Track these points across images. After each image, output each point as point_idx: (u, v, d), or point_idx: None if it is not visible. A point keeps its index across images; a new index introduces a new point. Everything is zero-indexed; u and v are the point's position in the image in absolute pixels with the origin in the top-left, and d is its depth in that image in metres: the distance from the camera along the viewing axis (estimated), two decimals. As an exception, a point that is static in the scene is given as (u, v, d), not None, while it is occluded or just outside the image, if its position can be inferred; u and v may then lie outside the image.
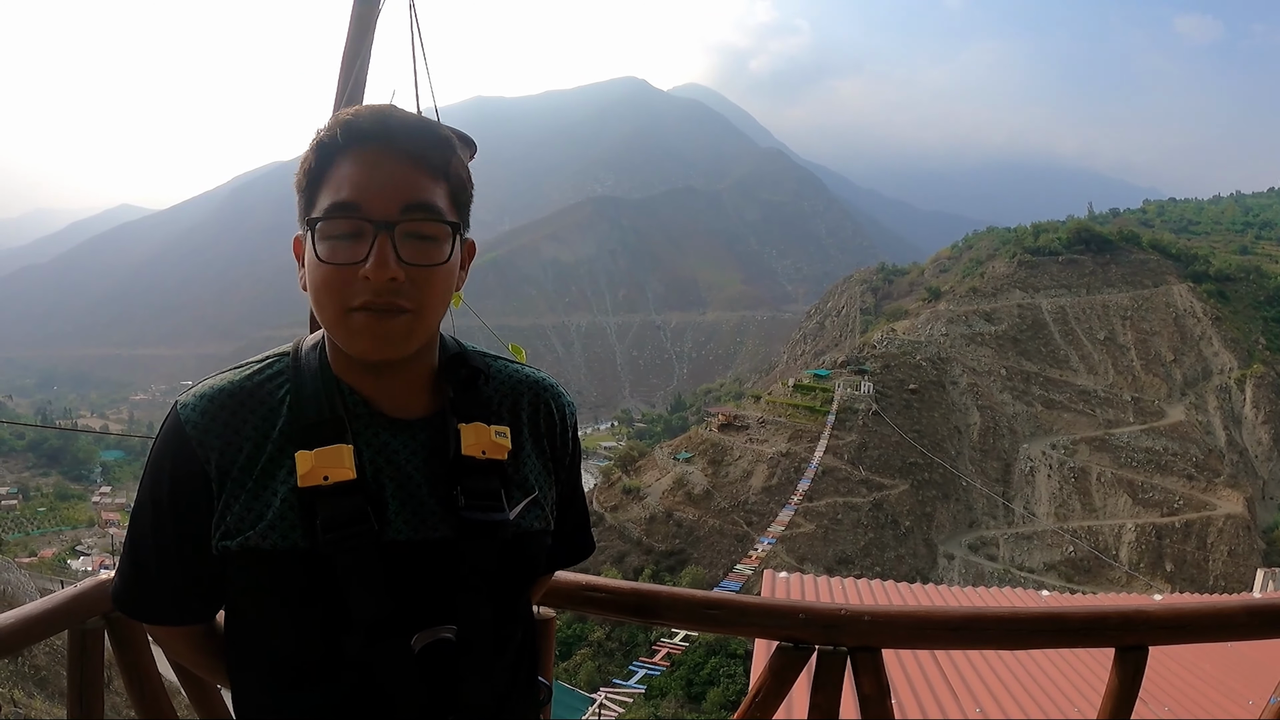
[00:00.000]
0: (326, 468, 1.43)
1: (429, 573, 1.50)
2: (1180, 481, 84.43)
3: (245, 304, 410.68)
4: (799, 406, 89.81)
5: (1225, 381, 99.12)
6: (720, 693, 49.18)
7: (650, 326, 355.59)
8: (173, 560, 1.54)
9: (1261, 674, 6.54)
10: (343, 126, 1.43)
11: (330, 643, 1.47)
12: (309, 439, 1.46)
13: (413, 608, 1.48)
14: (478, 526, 1.52)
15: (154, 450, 1.53)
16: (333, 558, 1.42)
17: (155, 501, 1.52)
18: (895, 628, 2.31)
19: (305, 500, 1.44)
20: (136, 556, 1.58)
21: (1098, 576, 74.13)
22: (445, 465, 1.54)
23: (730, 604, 2.39)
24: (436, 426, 1.57)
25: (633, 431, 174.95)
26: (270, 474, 1.47)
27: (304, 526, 1.44)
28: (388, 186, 1.41)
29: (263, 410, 1.50)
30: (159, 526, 1.53)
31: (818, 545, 70.73)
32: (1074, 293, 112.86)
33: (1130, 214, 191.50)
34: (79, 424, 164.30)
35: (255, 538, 1.44)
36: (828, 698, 2.24)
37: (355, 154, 1.42)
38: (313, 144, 1.46)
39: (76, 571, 77.04)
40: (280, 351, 1.60)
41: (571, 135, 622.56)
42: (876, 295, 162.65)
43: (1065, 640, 2.53)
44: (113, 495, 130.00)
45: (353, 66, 2.62)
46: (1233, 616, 2.44)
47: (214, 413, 1.48)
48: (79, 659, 2.14)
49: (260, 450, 1.48)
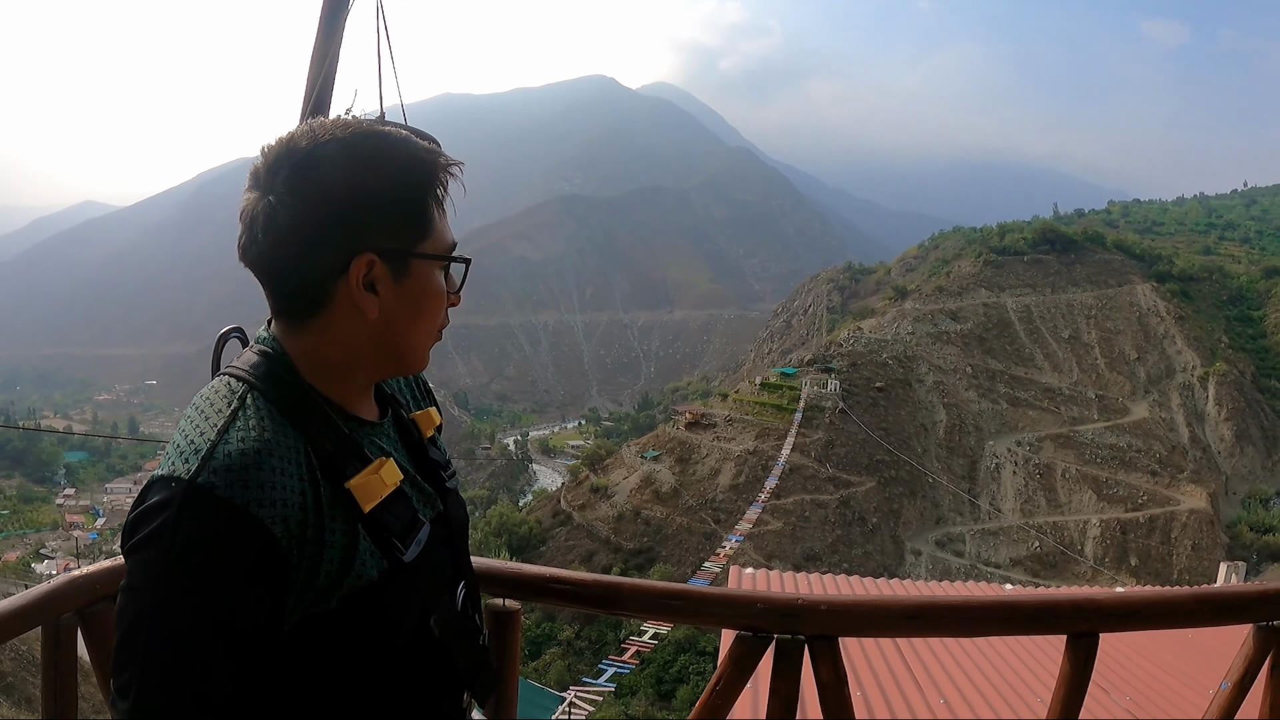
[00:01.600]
0: (385, 486, 1.47)
1: (443, 544, 1.65)
2: (1144, 477, 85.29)
3: (212, 302, 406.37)
4: (766, 405, 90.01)
5: (1188, 379, 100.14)
6: (690, 690, 49.17)
7: (618, 325, 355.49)
8: (242, 665, 1.32)
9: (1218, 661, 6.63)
10: (434, 156, 1.48)
11: (420, 633, 1.55)
12: (346, 468, 1.44)
13: (450, 575, 1.67)
14: (454, 494, 1.73)
15: (186, 543, 1.27)
16: (415, 560, 1.50)
17: (213, 604, 1.27)
18: (851, 616, 2.36)
19: (373, 524, 1.44)
20: (194, 681, 1.27)
21: (1063, 571, 74.76)
22: (419, 451, 1.70)
23: (690, 595, 2.41)
24: (395, 421, 1.69)
25: (600, 430, 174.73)
26: (334, 516, 1.41)
27: (381, 548, 1.44)
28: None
29: (292, 456, 1.39)
30: (233, 630, 1.29)
31: (785, 542, 70.96)
32: (1039, 292, 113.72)
33: (1095, 215, 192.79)
34: (42, 424, 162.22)
35: (353, 581, 1.40)
36: (787, 685, 2.27)
37: (439, 189, 1.51)
38: (404, 170, 1.46)
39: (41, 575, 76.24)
40: (236, 391, 1.45)
41: (540, 133, 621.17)
42: (843, 294, 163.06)
43: (1018, 628, 2.58)
44: (76, 497, 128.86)
45: (321, 65, 2.61)
46: (1181, 604, 2.51)
47: (263, 479, 1.33)
48: (53, 655, 2.14)
49: (316, 496, 1.39)
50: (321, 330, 1.47)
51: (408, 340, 1.53)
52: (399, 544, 1.46)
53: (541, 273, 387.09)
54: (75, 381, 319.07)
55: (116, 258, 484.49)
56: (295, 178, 1.38)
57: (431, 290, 1.52)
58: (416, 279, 1.48)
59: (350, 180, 1.40)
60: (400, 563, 1.46)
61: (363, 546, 1.42)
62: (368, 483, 1.43)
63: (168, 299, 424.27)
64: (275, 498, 1.32)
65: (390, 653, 1.50)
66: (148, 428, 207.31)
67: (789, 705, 2.29)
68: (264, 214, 1.40)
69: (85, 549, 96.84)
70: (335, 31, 2.64)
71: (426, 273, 1.50)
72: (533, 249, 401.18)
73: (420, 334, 1.54)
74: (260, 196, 1.41)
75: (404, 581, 1.47)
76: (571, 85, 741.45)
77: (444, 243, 1.52)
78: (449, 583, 1.67)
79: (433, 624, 1.56)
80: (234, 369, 1.50)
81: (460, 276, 1.59)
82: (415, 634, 1.54)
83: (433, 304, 1.53)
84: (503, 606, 2.41)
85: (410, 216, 1.47)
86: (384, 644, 1.49)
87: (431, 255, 1.49)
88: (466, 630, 1.67)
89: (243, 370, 1.48)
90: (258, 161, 1.44)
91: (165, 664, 1.25)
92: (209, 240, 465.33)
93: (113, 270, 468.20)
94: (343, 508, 1.41)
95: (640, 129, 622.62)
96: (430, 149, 1.49)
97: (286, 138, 1.44)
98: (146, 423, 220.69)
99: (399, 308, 1.48)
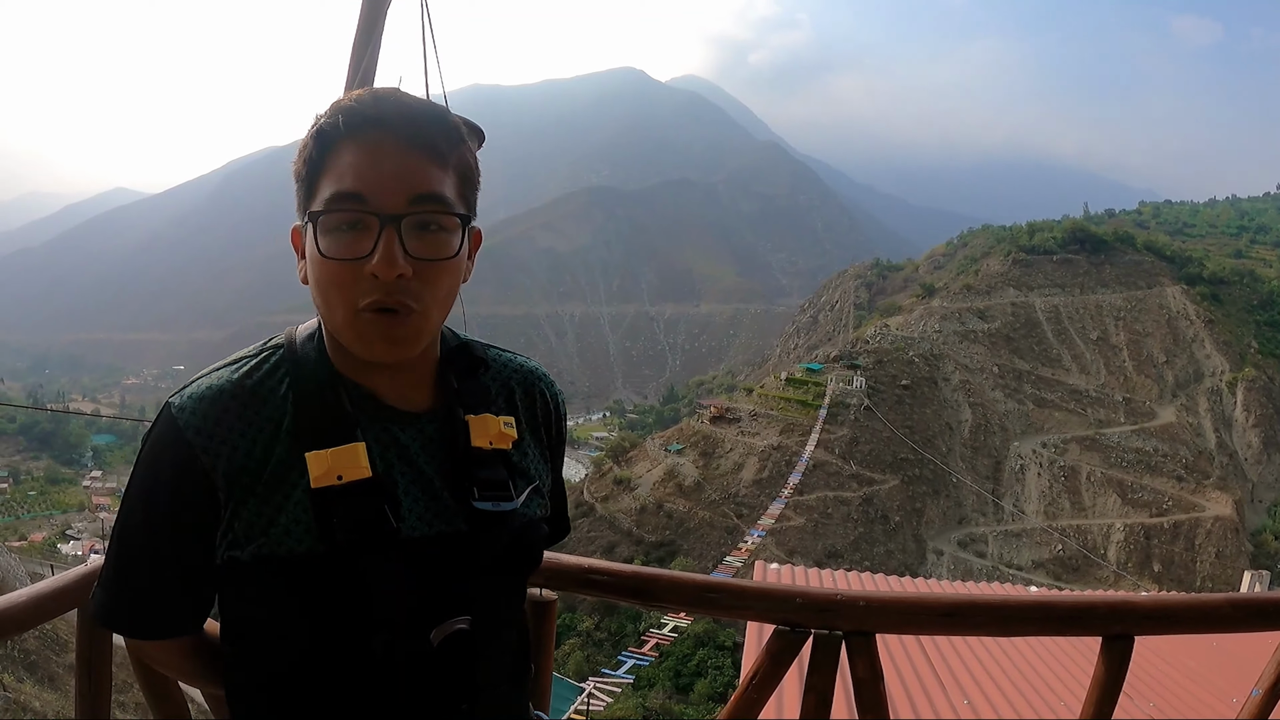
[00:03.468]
0: (341, 467, 1.37)
1: (445, 566, 1.45)
2: (1170, 482, 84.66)
3: (238, 290, 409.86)
4: (791, 400, 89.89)
5: (1216, 384, 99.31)
6: (708, 684, 49.27)
7: (644, 317, 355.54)
8: (169, 573, 1.42)
9: (1245, 669, 6.61)
10: (344, 111, 1.35)
11: (352, 644, 1.39)
12: (319, 438, 1.38)
13: (431, 603, 1.43)
14: (490, 517, 1.48)
15: (147, 454, 1.41)
16: (354, 560, 1.36)
17: (150, 510, 1.41)
18: (889, 612, 2.34)
19: (319, 502, 1.36)
20: (126, 569, 1.45)
21: (1085, 575, 74.32)
22: (455, 458, 1.50)
23: (729, 588, 2.40)
24: (443, 418, 1.52)
25: (624, 422, 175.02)
26: (280, 477, 1.38)
27: (320, 529, 1.36)
28: (394, 176, 1.33)
29: (266, 409, 1.40)
30: (154, 538, 1.41)
31: (807, 539, 70.85)
32: (1068, 292, 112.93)
33: (1126, 215, 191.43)
34: (70, 407, 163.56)
35: (270, 545, 1.36)
36: (823, 680, 2.27)
37: (358, 141, 1.34)
38: (312, 130, 1.38)
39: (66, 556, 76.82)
40: (273, 343, 1.49)
41: (568, 125, 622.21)
42: (870, 290, 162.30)
43: (1053, 628, 2.58)
44: (103, 479, 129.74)
45: (362, 56, 2.64)
46: (1216, 609, 2.48)
47: (215, 415, 1.37)
48: (88, 636, 2.16)
49: (269, 453, 1.38)
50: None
51: (326, 316, 1.42)
52: (341, 534, 1.35)
53: (568, 264, 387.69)
54: (103, 366, 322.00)
55: (145, 245, 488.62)
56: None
57: (314, 253, 1.37)
58: (311, 243, 1.37)
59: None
60: (340, 553, 1.36)
61: (293, 515, 1.36)
62: (321, 457, 1.36)
63: (195, 286, 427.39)
64: (225, 438, 1.36)
65: (321, 645, 1.41)
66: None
67: (824, 700, 2.29)
68: None
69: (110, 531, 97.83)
70: (376, 24, 2.67)
71: (314, 234, 1.35)
72: (560, 240, 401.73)
73: (326, 306, 1.39)
74: None
75: (339, 575, 1.36)
76: (600, 77, 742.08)
77: (324, 198, 1.35)
78: (432, 610, 1.43)
79: (375, 641, 1.39)
80: (290, 330, 1.52)
81: (376, 236, 1.32)
82: (351, 642, 1.40)
83: (320, 270, 1.36)
84: (540, 596, 2.42)
85: (305, 178, 1.39)
86: (308, 630, 1.40)
87: (310, 214, 1.37)
88: (438, 666, 1.44)
89: (293, 331, 1.51)
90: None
91: (116, 551, 1.46)
92: (237, 228, 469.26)
93: (141, 257, 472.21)
94: (297, 474, 1.37)
95: (668, 122, 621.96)
96: (342, 103, 1.37)
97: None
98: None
99: (310, 278, 1.40)
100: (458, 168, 1.40)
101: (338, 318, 1.37)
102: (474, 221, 1.47)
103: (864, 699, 2.30)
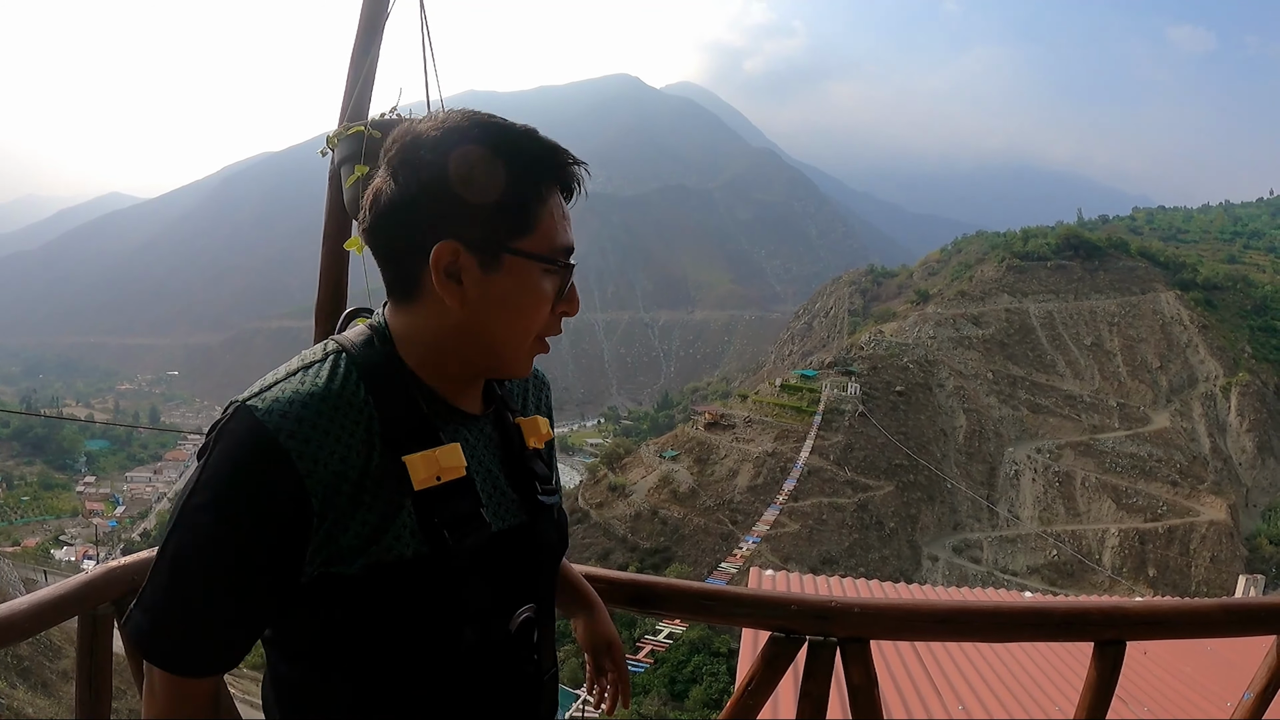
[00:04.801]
0: (441, 469, 1.41)
1: (516, 558, 1.53)
2: (1164, 487, 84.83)
3: (234, 294, 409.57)
4: (786, 406, 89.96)
5: (1210, 389, 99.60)
6: (703, 690, 49.26)
7: (639, 324, 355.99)
8: (236, 604, 1.35)
9: (1237, 675, 6.63)
10: (550, 153, 1.43)
11: (445, 638, 1.44)
12: (410, 442, 1.40)
13: (508, 592, 1.51)
14: (544, 510, 1.61)
15: (224, 463, 1.32)
16: (457, 557, 1.40)
17: (230, 529, 1.31)
18: (884, 619, 2.35)
19: (422, 504, 1.39)
20: (184, 598, 1.34)
21: (1080, 580, 74.43)
22: (513, 457, 1.60)
23: (725, 595, 2.43)
24: (495, 420, 1.61)
25: (619, 429, 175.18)
26: (381, 483, 1.37)
27: (425, 532, 1.39)
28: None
29: (353, 414, 1.38)
30: (229, 562, 1.31)
31: (802, 545, 70.89)
32: (1062, 298, 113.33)
33: (1120, 221, 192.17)
34: (64, 412, 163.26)
35: (380, 553, 1.36)
36: (818, 686, 2.28)
37: (558, 194, 1.46)
38: (506, 162, 1.39)
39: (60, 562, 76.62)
40: (329, 350, 1.47)
41: (564, 131, 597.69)
42: (865, 297, 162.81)
43: (1047, 634, 2.58)
44: (97, 485, 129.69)
45: (362, 63, 2.64)
46: (1209, 614, 2.49)
47: (312, 421, 1.33)
48: (89, 645, 2.16)
49: (367, 460, 1.37)
50: (416, 312, 1.44)
51: (498, 338, 1.46)
52: (447, 533, 1.40)
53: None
54: (98, 370, 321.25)
55: (140, 249, 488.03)
56: (399, 157, 1.39)
57: (527, 290, 1.43)
58: (509, 275, 1.41)
59: (445, 164, 1.37)
60: (445, 553, 1.40)
61: (402, 521, 1.38)
62: (423, 460, 1.39)
63: (190, 291, 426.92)
64: (315, 441, 1.32)
65: (416, 642, 1.43)
66: (169, 417, 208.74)
67: (819, 706, 2.30)
68: (374, 191, 1.40)
69: (104, 536, 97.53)
70: (376, 31, 2.67)
71: (522, 271, 1.41)
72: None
73: (511, 334, 1.46)
74: (378, 174, 1.43)
75: (442, 574, 1.40)
76: (596, 84, 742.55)
77: (550, 244, 1.43)
78: (509, 599, 1.52)
79: (467, 632, 1.44)
80: (338, 336, 1.50)
81: (568, 284, 1.48)
82: (446, 636, 1.44)
83: (527, 304, 1.44)
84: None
85: (506, 209, 1.40)
86: (407, 630, 1.41)
87: (525, 253, 1.41)
88: (512, 652, 1.52)
89: (345, 337, 1.49)
90: (386, 141, 1.45)
91: (175, 576, 1.33)
92: (232, 233, 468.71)
93: (136, 261, 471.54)
94: (395, 479, 1.38)
95: (664, 128, 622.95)
96: (548, 145, 1.43)
97: (412, 121, 1.46)
98: (168, 412, 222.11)
99: (485, 302, 1.42)
100: None
101: (514, 341, 1.47)
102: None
103: (859, 705, 2.31)
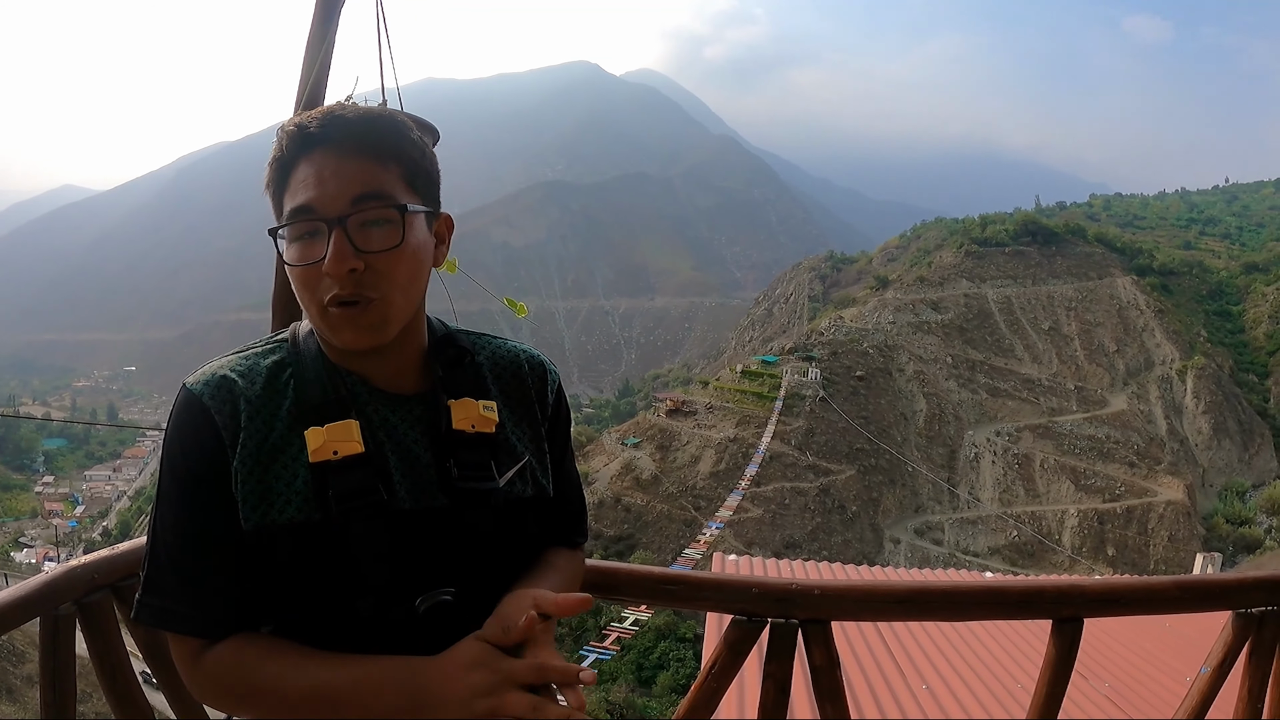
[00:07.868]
0: (336, 442, 1.49)
1: (431, 539, 1.55)
2: (1122, 469, 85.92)
3: (192, 288, 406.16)
4: (747, 393, 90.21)
5: (1167, 372, 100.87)
6: (670, 676, 49.46)
7: (599, 312, 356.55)
8: (216, 547, 1.50)
9: (1194, 650, 6.71)
10: (289, 138, 1.51)
11: (340, 608, 1.49)
12: (316, 417, 1.51)
13: (417, 572, 1.53)
14: (471, 495, 1.59)
15: (171, 432, 1.52)
16: (346, 528, 1.47)
17: (179, 483, 1.50)
18: (844, 600, 2.40)
19: (317, 475, 1.48)
20: (174, 557, 1.51)
21: (1041, 560, 75.31)
22: (438, 438, 1.60)
23: (687, 580, 2.45)
24: (429, 402, 1.64)
25: (581, 417, 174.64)
26: (279, 450, 1.50)
27: (317, 500, 1.47)
28: (337, 183, 1.47)
29: (268, 392, 1.53)
30: (194, 507, 1.50)
31: (765, 530, 71.18)
32: (1020, 283, 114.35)
33: (1077, 208, 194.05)
34: (20, 411, 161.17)
35: (272, 514, 1.47)
36: (780, 668, 2.31)
37: (306, 159, 1.49)
38: (270, 159, 1.53)
39: (20, 564, 75.86)
40: (279, 338, 1.64)
41: (523, 119, 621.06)
42: (825, 283, 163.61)
43: (1005, 612, 2.66)
44: (55, 485, 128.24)
45: (317, 52, 2.57)
46: (1164, 591, 2.62)
47: (229, 387, 1.50)
48: (51, 646, 2.09)
49: (269, 430, 1.50)
50: None
51: (307, 317, 1.57)
52: (334, 504, 1.47)
53: (523, 259, 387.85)
54: (54, 368, 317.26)
55: (95, 243, 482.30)
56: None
57: (290, 260, 1.52)
58: (285, 255, 1.52)
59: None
60: (332, 521, 1.47)
61: (295, 489, 1.48)
62: (318, 434, 1.48)
63: (147, 284, 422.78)
64: (230, 404, 1.49)
65: (313, 607, 1.51)
66: (126, 414, 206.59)
67: (783, 688, 2.33)
68: None
69: (65, 537, 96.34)
70: (332, 18, 2.62)
71: (285, 247, 1.52)
72: (515, 235, 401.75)
73: (304, 305, 1.54)
74: None
75: (327, 541, 1.47)
76: (556, 71, 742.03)
77: (285, 214, 1.52)
78: (416, 579, 1.53)
79: (360, 605, 1.49)
80: (296, 324, 1.68)
81: (327, 240, 1.47)
82: (339, 605, 1.50)
83: (296, 274, 1.51)
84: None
85: (274, 198, 1.54)
86: (303, 593, 1.50)
87: (275, 231, 1.53)
88: (419, 633, 1.51)
89: (298, 326, 1.66)
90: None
91: (156, 543, 1.52)
92: (189, 225, 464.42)
93: (91, 255, 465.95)
94: (297, 450, 1.49)
95: (624, 116, 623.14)
96: (290, 127, 1.52)
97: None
98: (125, 409, 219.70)
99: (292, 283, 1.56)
100: (402, 162, 1.53)
101: (312, 315, 1.53)
102: (431, 210, 1.62)
103: (821, 686, 2.34)
